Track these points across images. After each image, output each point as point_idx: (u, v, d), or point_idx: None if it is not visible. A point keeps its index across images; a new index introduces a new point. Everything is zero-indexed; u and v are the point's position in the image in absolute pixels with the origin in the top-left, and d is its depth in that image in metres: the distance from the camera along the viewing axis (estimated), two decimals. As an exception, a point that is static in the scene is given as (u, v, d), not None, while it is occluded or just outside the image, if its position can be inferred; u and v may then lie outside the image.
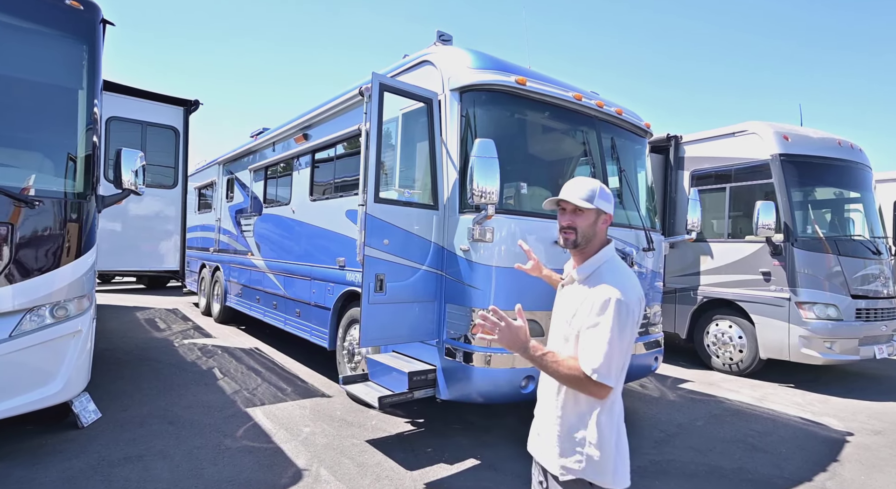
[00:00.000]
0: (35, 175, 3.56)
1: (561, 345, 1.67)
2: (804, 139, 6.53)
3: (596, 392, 1.53)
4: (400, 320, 3.71)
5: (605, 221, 1.71)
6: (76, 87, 3.75)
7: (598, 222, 1.70)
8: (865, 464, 3.94)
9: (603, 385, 1.50)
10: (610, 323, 1.51)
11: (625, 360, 1.56)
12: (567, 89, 4.26)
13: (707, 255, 6.88)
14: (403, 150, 4.34)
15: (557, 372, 1.55)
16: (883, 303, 6.29)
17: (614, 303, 1.53)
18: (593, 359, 1.51)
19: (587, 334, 1.55)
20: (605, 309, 1.53)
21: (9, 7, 3.51)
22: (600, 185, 1.72)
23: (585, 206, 1.67)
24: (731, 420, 4.83)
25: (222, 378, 5.50)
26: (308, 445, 3.77)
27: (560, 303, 1.77)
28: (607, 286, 1.58)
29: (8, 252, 3.26)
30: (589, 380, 1.51)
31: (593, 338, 1.53)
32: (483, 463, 3.61)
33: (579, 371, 1.52)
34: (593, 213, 1.69)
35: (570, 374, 1.53)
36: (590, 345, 1.53)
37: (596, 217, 1.70)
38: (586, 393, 1.55)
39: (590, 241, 1.71)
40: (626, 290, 1.56)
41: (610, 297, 1.54)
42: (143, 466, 3.31)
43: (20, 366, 3.32)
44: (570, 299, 1.71)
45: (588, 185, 1.71)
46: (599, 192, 1.69)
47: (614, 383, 1.52)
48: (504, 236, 3.65)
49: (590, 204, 1.67)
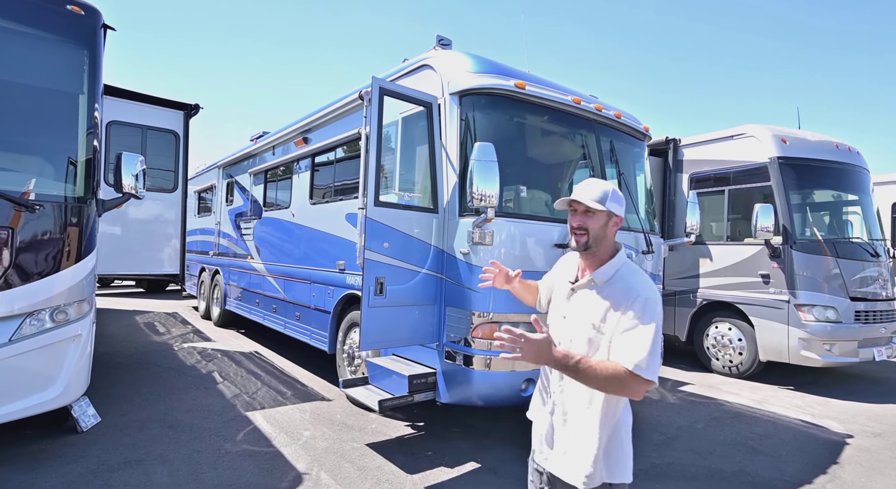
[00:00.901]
0: (35, 179, 3.57)
1: (584, 348, 1.64)
2: (802, 142, 6.56)
3: (637, 389, 1.52)
4: (400, 323, 3.71)
5: (615, 224, 1.71)
6: (77, 92, 3.76)
7: (609, 225, 1.70)
8: (865, 466, 3.94)
9: (645, 380, 1.50)
10: (649, 321, 1.53)
11: (660, 357, 1.59)
12: (566, 93, 4.28)
13: (706, 258, 6.89)
14: (403, 154, 4.35)
15: (596, 375, 1.51)
16: (882, 305, 6.31)
17: (648, 303, 1.56)
18: (637, 355, 1.50)
19: (627, 336, 1.55)
20: (644, 309, 1.55)
21: (10, 12, 3.52)
22: (613, 187, 1.73)
23: (597, 208, 1.66)
24: (731, 422, 4.83)
25: (222, 382, 5.49)
26: (308, 449, 3.76)
27: (579, 307, 1.72)
28: (638, 287, 1.60)
29: (8, 256, 3.26)
30: (632, 377, 1.49)
31: (635, 337, 1.53)
32: (483, 466, 3.61)
33: (621, 370, 1.50)
34: (604, 215, 1.68)
35: (610, 376, 1.51)
36: (632, 343, 1.53)
37: (607, 219, 1.70)
38: (626, 393, 1.55)
39: (600, 244, 1.70)
40: (654, 290, 1.61)
41: (647, 297, 1.57)
42: (143, 471, 3.30)
43: (20, 370, 3.31)
44: (591, 303, 1.67)
45: (601, 187, 1.71)
46: (612, 195, 1.69)
47: (655, 378, 1.54)
48: (504, 239, 3.66)
49: (601, 206, 1.66)
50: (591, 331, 1.63)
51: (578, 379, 1.55)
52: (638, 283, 1.62)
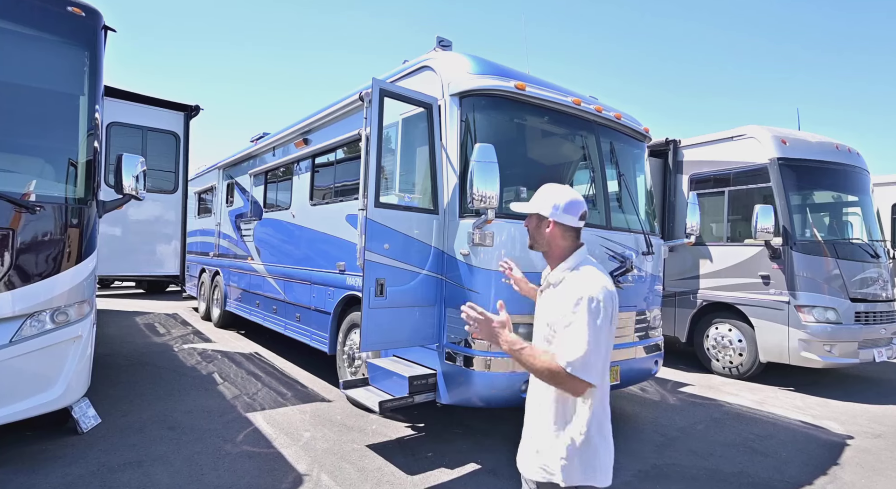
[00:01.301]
0: (36, 180, 3.57)
1: (543, 347, 1.69)
2: (802, 143, 6.57)
3: (573, 387, 1.54)
4: (400, 324, 3.71)
5: (548, 226, 1.73)
6: (78, 93, 3.76)
7: (542, 226, 1.75)
8: (866, 467, 3.94)
9: (580, 380, 1.51)
10: (582, 319, 1.54)
11: (604, 358, 1.57)
12: (566, 94, 4.28)
13: (706, 259, 6.89)
14: (403, 155, 4.35)
15: (533, 365, 1.57)
16: (882, 306, 6.31)
17: (585, 301, 1.55)
18: (568, 352, 1.53)
19: (562, 333, 1.58)
20: (577, 306, 1.56)
21: (11, 14, 3.52)
22: (551, 191, 1.76)
23: (524, 210, 1.81)
24: (731, 423, 4.83)
25: (222, 383, 5.49)
26: (308, 450, 3.76)
27: (539, 309, 1.83)
28: (576, 285, 1.62)
29: (9, 257, 3.26)
30: (566, 375, 1.51)
31: (568, 335, 1.56)
32: (484, 467, 3.61)
33: (555, 365, 1.53)
34: (535, 218, 1.78)
35: (545, 368, 1.55)
36: (565, 340, 1.56)
37: (538, 221, 1.77)
38: (564, 389, 1.56)
39: (542, 244, 1.78)
40: (593, 287, 1.59)
41: (581, 295, 1.57)
42: (143, 472, 3.30)
43: (20, 371, 3.32)
44: (546, 303, 1.76)
45: (541, 191, 1.80)
46: (542, 197, 1.76)
47: (595, 380, 1.53)
48: (504, 240, 3.66)
49: (529, 208, 1.78)
50: (546, 330, 1.70)
51: (524, 366, 1.61)
52: (582, 282, 1.62)
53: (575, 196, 1.74)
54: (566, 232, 1.74)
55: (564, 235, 1.74)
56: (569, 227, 1.73)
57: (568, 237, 1.74)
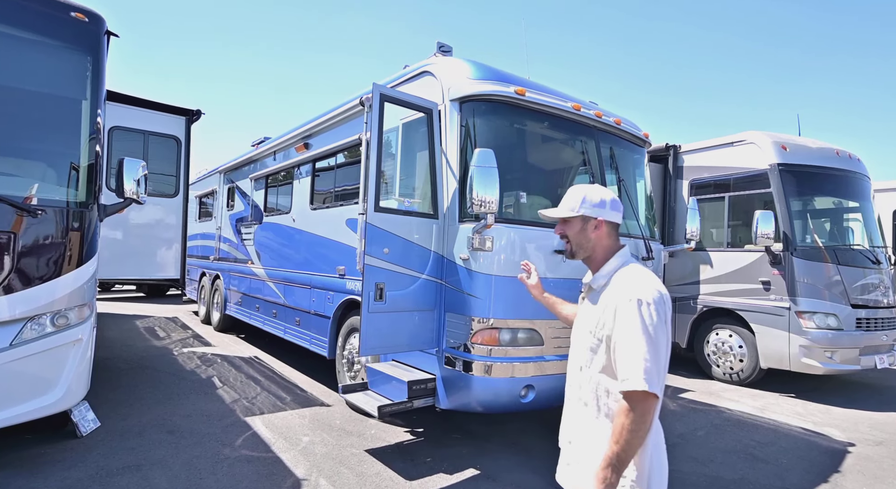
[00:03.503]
0: (38, 184, 3.59)
1: (587, 356, 1.61)
2: (802, 149, 6.57)
3: (643, 407, 1.39)
4: (400, 329, 3.71)
5: (596, 227, 1.66)
6: (80, 98, 3.78)
7: (588, 229, 1.67)
8: (867, 475, 3.92)
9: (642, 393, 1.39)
10: (636, 326, 1.43)
11: (664, 366, 1.45)
12: (566, 99, 4.30)
13: (706, 264, 6.88)
14: (403, 160, 4.37)
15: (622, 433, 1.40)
16: (883, 312, 6.29)
17: (637, 304, 1.45)
18: (626, 369, 1.42)
19: (617, 350, 1.47)
20: (628, 312, 1.46)
21: (15, 19, 3.55)
22: (588, 190, 1.69)
23: (567, 215, 1.67)
24: (732, 430, 4.81)
25: (221, 387, 5.49)
26: (307, 455, 3.76)
27: (581, 315, 1.71)
28: (625, 288, 1.52)
29: (10, 261, 3.27)
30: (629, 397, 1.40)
31: (622, 349, 1.45)
32: (482, 473, 3.60)
33: (624, 406, 1.41)
34: (579, 221, 1.68)
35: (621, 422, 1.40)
36: (621, 357, 1.45)
37: (583, 224, 1.67)
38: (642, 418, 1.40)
39: (587, 249, 1.68)
40: (644, 289, 1.49)
41: (631, 299, 1.47)
42: (142, 476, 3.29)
43: (20, 374, 3.32)
44: (590, 310, 1.64)
45: (574, 193, 1.70)
46: (582, 200, 1.67)
47: (659, 390, 1.40)
48: (503, 245, 3.67)
49: (571, 212, 1.67)
50: (589, 338, 1.60)
51: (629, 457, 1.41)
52: (631, 284, 1.52)
53: (611, 192, 1.71)
54: (612, 230, 1.68)
55: (610, 234, 1.67)
56: (614, 224, 1.68)
57: (612, 236, 1.68)
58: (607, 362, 1.53)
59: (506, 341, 3.62)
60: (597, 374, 1.58)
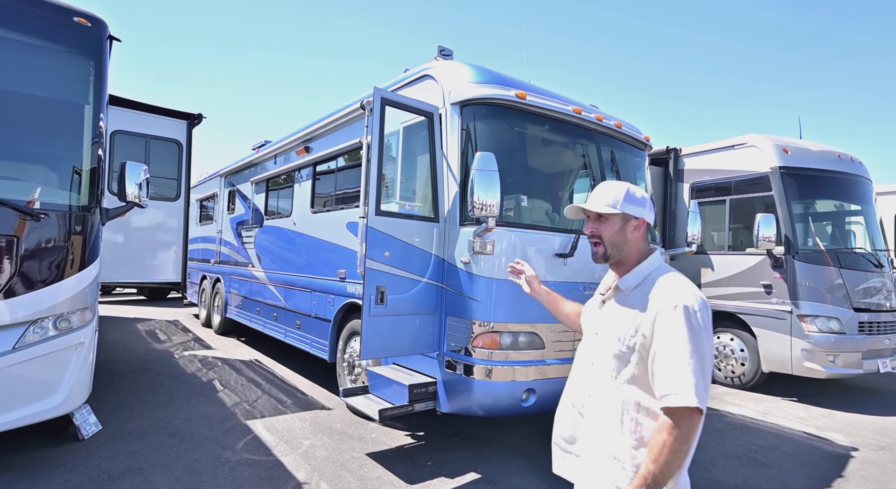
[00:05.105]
0: (41, 188, 3.60)
1: (612, 365, 1.47)
2: (804, 152, 6.57)
3: (687, 423, 1.28)
4: (401, 332, 3.71)
5: (636, 227, 1.55)
6: (83, 102, 3.80)
7: (629, 228, 1.54)
8: (871, 480, 3.90)
9: (686, 409, 1.27)
10: (681, 335, 1.32)
11: (708, 377, 1.33)
12: (566, 103, 4.31)
13: (707, 268, 6.87)
14: (404, 163, 4.38)
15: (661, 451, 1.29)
16: (886, 316, 6.27)
17: (681, 312, 1.34)
18: (668, 383, 1.30)
19: (658, 361, 1.35)
20: (671, 320, 1.34)
21: (18, 24, 3.57)
22: (628, 187, 1.57)
23: (607, 212, 1.53)
24: (734, 434, 4.79)
25: (222, 390, 5.49)
26: (308, 458, 3.75)
27: (603, 319, 1.57)
28: (667, 295, 1.39)
29: (13, 264, 3.28)
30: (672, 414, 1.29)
31: (665, 361, 1.33)
32: (483, 477, 3.59)
33: (667, 422, 1.30)
34: (619, 219, 1.54)
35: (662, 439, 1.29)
36: (662, 369, 1.33)
37: (623, 223, 1.54)
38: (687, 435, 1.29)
39: (622, 251, 1.55)
40: (688, 296, 1.37)
41: (675, 305, 1.35)
42: (144, 479, 3.29)
43: (23, 378, 3.32)
44: (618, 313, 1.51)
45: (613, 188, 1.57)
46: (625, 196, 1.54)
47: (704, 404, 1.28)
48: (504, 248, 3.67)
49: (613, 209, 1.53)
50: (618, 345, 1.46)
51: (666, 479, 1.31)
52: (671, 289, 1.39)
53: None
54: (647, 232, 1.58)
55: (645, 236, 1.58)
56: (649, 226, 1.58)
57: (647, 238, 1.58)
58: (640, 373, 1.41)
59: (507, 345, 3.62)
60: (624, 385, 1.44)
